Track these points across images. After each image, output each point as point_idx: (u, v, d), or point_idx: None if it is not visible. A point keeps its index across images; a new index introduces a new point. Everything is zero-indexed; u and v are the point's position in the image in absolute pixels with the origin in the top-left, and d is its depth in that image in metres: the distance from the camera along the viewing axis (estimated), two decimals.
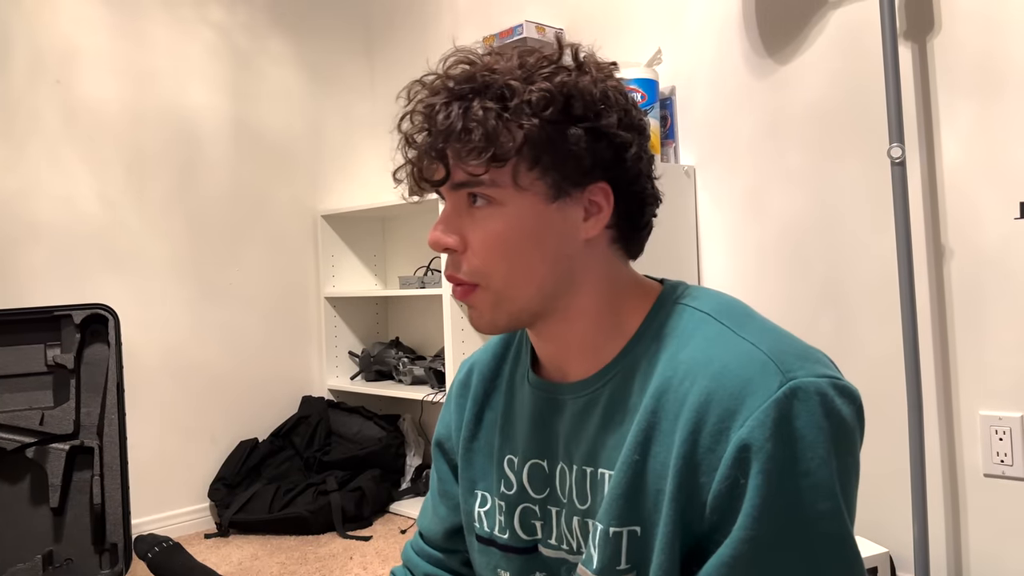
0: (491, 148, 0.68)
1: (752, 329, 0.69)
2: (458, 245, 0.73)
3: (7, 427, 2.00)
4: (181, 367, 2.73)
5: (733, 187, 2.16)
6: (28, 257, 2.43)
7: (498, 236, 0.71)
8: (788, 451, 0.61)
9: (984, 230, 1.73)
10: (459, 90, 0.70)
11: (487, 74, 0.70)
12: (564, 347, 0.77)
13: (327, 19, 3.18)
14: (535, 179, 0.70)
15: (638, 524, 0.69)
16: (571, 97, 0.70)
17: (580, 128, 0.70)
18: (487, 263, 0.72)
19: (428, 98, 0.72)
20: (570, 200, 0.72)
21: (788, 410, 0.62)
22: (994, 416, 1.73)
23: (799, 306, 2.03)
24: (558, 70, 0.71)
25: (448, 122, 0.69)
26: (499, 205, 0.71)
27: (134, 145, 2.65)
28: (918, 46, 1.81)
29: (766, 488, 0.61)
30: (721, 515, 0.63)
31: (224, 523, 2.59)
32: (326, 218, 3.11)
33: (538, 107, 0.68)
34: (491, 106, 0.68)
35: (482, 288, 0.73)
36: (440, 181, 0.72)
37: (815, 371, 0.65)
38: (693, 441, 0.65)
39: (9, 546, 1.96)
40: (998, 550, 1.73)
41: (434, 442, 0.94)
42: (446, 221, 0.73)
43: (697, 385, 0.66)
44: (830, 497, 0.62)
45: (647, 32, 2.33)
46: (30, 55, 2.44)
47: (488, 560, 0.83)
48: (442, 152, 0.70)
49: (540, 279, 0.72)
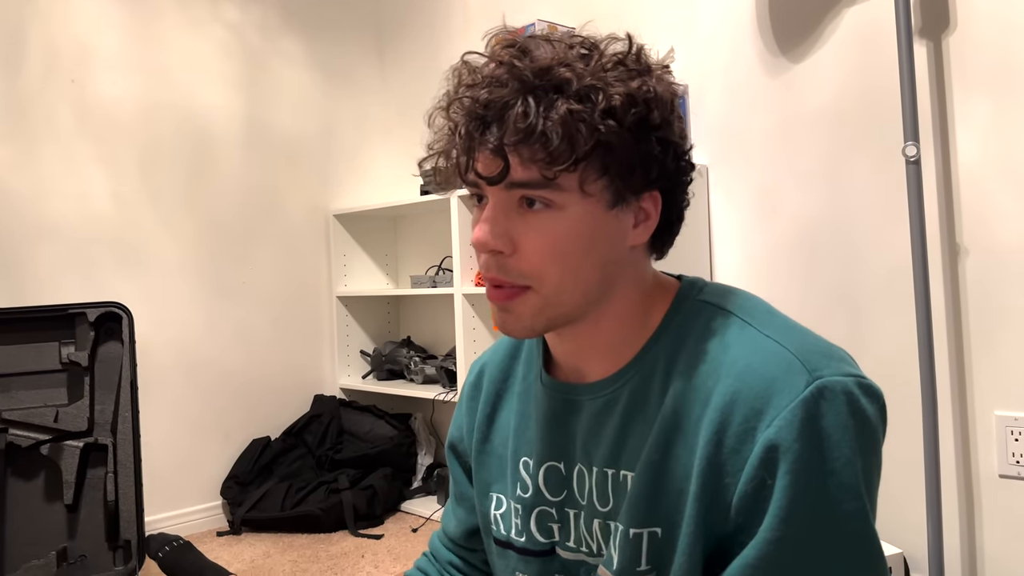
0: (570, 152, 0.63)
1: (775, 327, 0.68)
2: (506, 247, 0.68)
3: (22, 424, 2.01)
4: (194, 365, 2.74)
5: (746, 186, 2.15)
6: (43, 255, 2.44)
7: (555, 241, 0.67)
8: (815, 451, 0.60)
9: (1000, 229, 1.72)
10: (535, 83, 0.64)
11: (565, 69, 0.64)
12: (585, 347, 0.75)
13: (339, 18, 3.19)
14: (602, 186, 0.67)
15: (659, 525, 0.68)
16: (651, 105, 0.67)
17: (654, 137, 0.67)
18: (539, 267, 0.68)
19: (489, 88, 0.65)
20: (625, 207, 0.69)
21: (815, 409, 0.61)
22: (1010, 416, 1.72)
23: (812, 305, 2.02)
24: (630, 73, 0.67)
25: (528, 121, 0.63)
26: (559, 209, 0.67)
27: (148, 144, 2.66)
28: (933, 44, 1.79)
29: (793, 489, 0.60)
30: (747, 516, 0.62)
31: (236, 521, 2.60)
32: (338, 217, 3.11)
33: (620, 112, 0.65)
34: (576, 107, 0.63)
35: (532, 291, 0.69)
36: (496, 179, 0.66)
37: (841, 369, 0.64)
38: (717, 442, 0.64)
39: (24, 542, 1.97)
40: (1013, 551, 1.72)
41: (448, 445, 0.93)
42: (493, 221, 0.68)
43: (721, 384, 0.65)
44: (856, 497, 0.61)
45: (660, 30, 2.32)
46: (45, 54, 2.46)
47: (506, 563, 0.82)
48: (513, 148, 0.65)
49: (587, 284, 0.70)
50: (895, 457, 1.85)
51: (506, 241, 0.68)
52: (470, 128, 0.66)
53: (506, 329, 0.71)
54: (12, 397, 2.04)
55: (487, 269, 0.70)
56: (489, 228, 0.68)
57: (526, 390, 0.83)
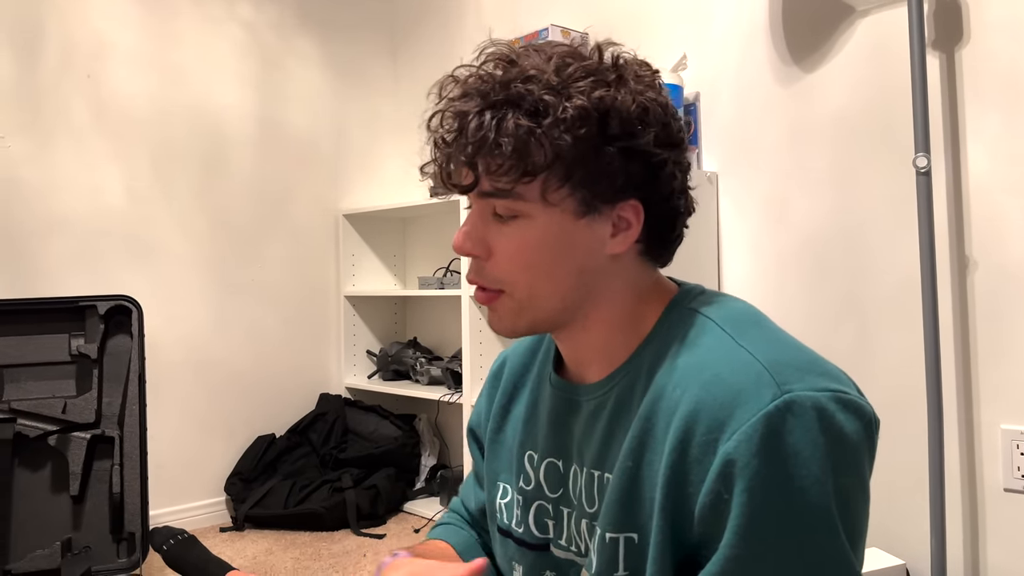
0: (521, 165, 0.67)
1: (754, 338, 0.67)
2: (481, 252, 0.72)
3: (30, 415, 2.03)
4: (202, 361, 2.75)
5: (756, 194, 2.15)
6: (55, 248, 2.46)
7: (523, 249, 0.70)
8: (777, 468, 0.59)
9: (1009, 242, 1.72)
10: (493, 98, 0.68)
11: (522, 84, 0.67)
12: (582, 350, 0.77)
13: (353, 19, 3.20)
14: (565, 195, 0.69)
15: (635, 531, 0.68)
16: (607, 115, 0.68)
17: (614, 147, 0.68)
18: (510, 273, 0.72)
19: (461, 101, 0.70)
20: (599, 216, 0.70)
21: (780, 425, 0.60)
22: (1016, 430, 1.71)
23: (819, 315, 2.02)
24: (597, 83, 0.68)
25: (480, 133, 0.67)
26: (526, 218, 0.70)
27: (161, 140, 2.68)
28: (946, 56, 1.79)
29: (751, 506, 0.59)
30: (707, 529, 0.62)
31: (239, 517, 2.61)
32: (347, 217, 3.13)
33: (572, 125, 0.66)
34: (524, 122, 0.66)
35: (506, 295, 0.73)
36: (468, 187, 0.71)
37: (815, 384, 0.62)
38: (682, 451, 0.63)
39: (29, 532, 1.98)
40: (1017, 566, 1.71)
41: (468, 427, 0.96)
42: (471, 226, 0.72)
43: (688, 393, 0.65)
44: (825, 517, 0.59)
45: (673, 37, 2.33)
46: (62, 50, 2.48)
47: (505, 551, 0.84)
48: (472, 160, 0.69)
49: (563, 292, 0.72)
50: (899, 468, 1.85)
51: (482, 247, 0.72)
52: (445, 139, 0.71)
53: (493, 328, 0.76)
54: (21, 388, 2.05)
55: (470, 271, 0.75)
56: (465, 234, 0.73)
57: (539, 386, 0.85)
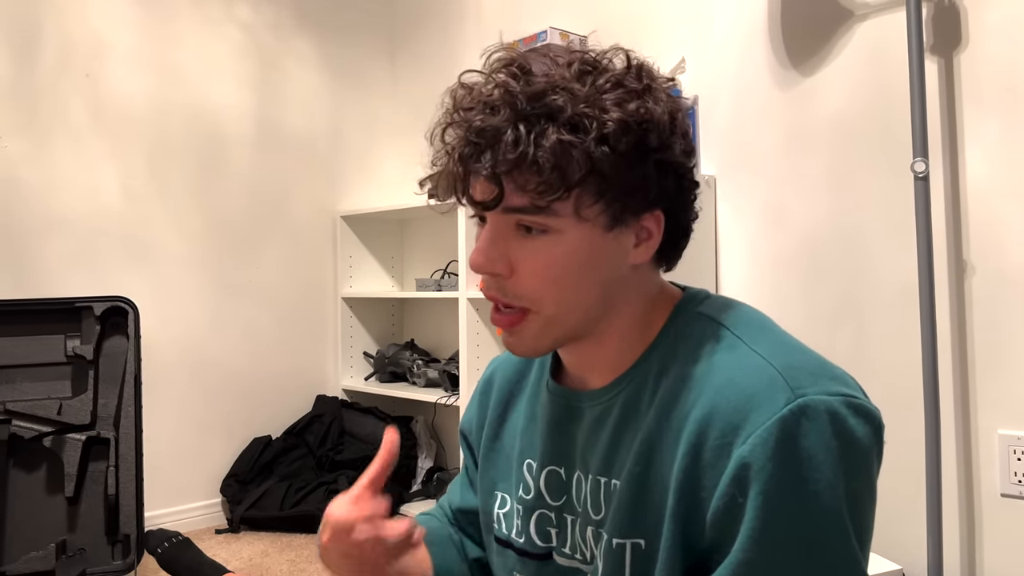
0: (561, 181, 0.64)
1: (765, 342, 0.66)
2: (503, 270, 0.69)
3: (25, 416, 2.02)
4: (198, 362, 2.74)
5: (753, 198, 2.15)
6: (51, 248, 2.45)
7: (550, 264, 0.68)
8: (792, 472, 0.59)
9: (1007, 247, 1.72)
10: (526, 111, 0.64)
11: (557, 95, 0.64)
12: (590, 359, 0.75)
13: (352, 20, 3.20)
14: (598, 211, 0.67)
15: (642, 537, 0.67)
16: (647, 129, 0.66)
17: (651, 160, 0.66)
18: (536, 290, 0.69)
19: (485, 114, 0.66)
20: (625, 228, 0.69)
21: (795, 429, 0.59)
22: (1013, 435, 1.71)
23: (817, 319, 2.02)
24: (629, 94, 0.66)
25: (519, 148, 0.63)
26: (555, 233, 0.67)
27: (159, 141, 2.68)
28: (944, 60, 1.80)
29: (766, 510, 0.59)
30: (720, 533, 0.61)
31: (235, 519, 2.61)
32: (345, 219, 3.12)
33: (614, 139, 0.64)
34: (567, 137, 0.63)
35: (532, 314, 0.70)
36: (491, 204, 0.67)
37: (827, 388, 0.62)
38: (695, 455, 0.63)
39: (24, 534, 1.97)
40: (1014, 570, 1.71)
41: (460, 430, 0.95)
42: (491, 244, 0.69)
43: (702, 397, 0.64)
44: (836, 520, 0.59)
45: (671, 41, 2.33)
46: (60, 49, 2.48)
47: (504, 562, 0.83)
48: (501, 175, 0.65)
49: (588, 304, 0.70)
50: (896, 473, 1.85)
51: (504, 265, 0.69)
52: (464, 154, 0.67)
53: (513, 350, 0.73)
54: (16, 388, 2.05)
55: (488, 288, 0.71)
56: (486, 252, 0.69)
57: (536, 393, 0.84)
